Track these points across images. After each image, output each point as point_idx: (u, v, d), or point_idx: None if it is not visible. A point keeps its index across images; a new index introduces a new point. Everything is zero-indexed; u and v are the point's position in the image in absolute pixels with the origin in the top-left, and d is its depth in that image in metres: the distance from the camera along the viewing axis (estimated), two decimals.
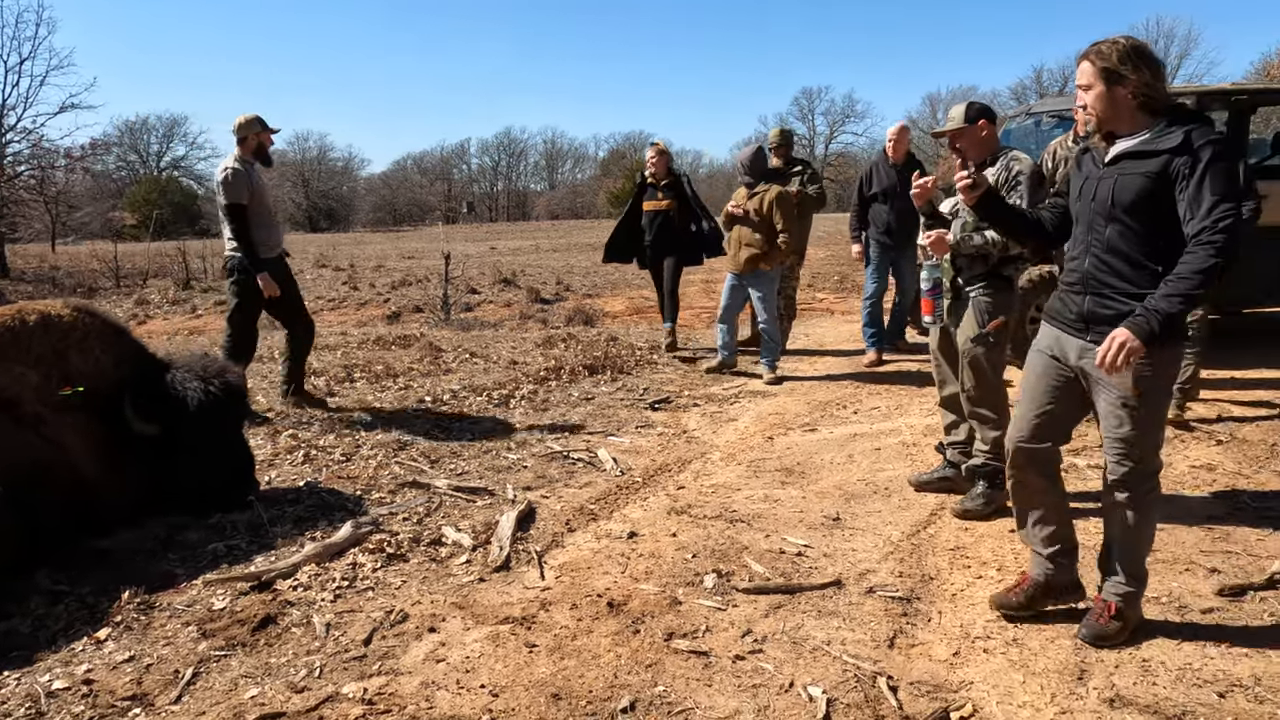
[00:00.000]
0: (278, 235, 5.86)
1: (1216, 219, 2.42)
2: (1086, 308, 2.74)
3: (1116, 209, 2.62)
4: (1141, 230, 2.60)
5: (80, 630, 3.10)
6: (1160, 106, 2.60)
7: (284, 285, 5.76)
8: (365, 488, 4.50)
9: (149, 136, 59.31)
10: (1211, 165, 2.45)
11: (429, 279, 15.81)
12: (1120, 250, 2.65)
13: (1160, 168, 2.54)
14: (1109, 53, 2.59)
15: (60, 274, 20.12)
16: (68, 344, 3.85)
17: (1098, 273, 2.70)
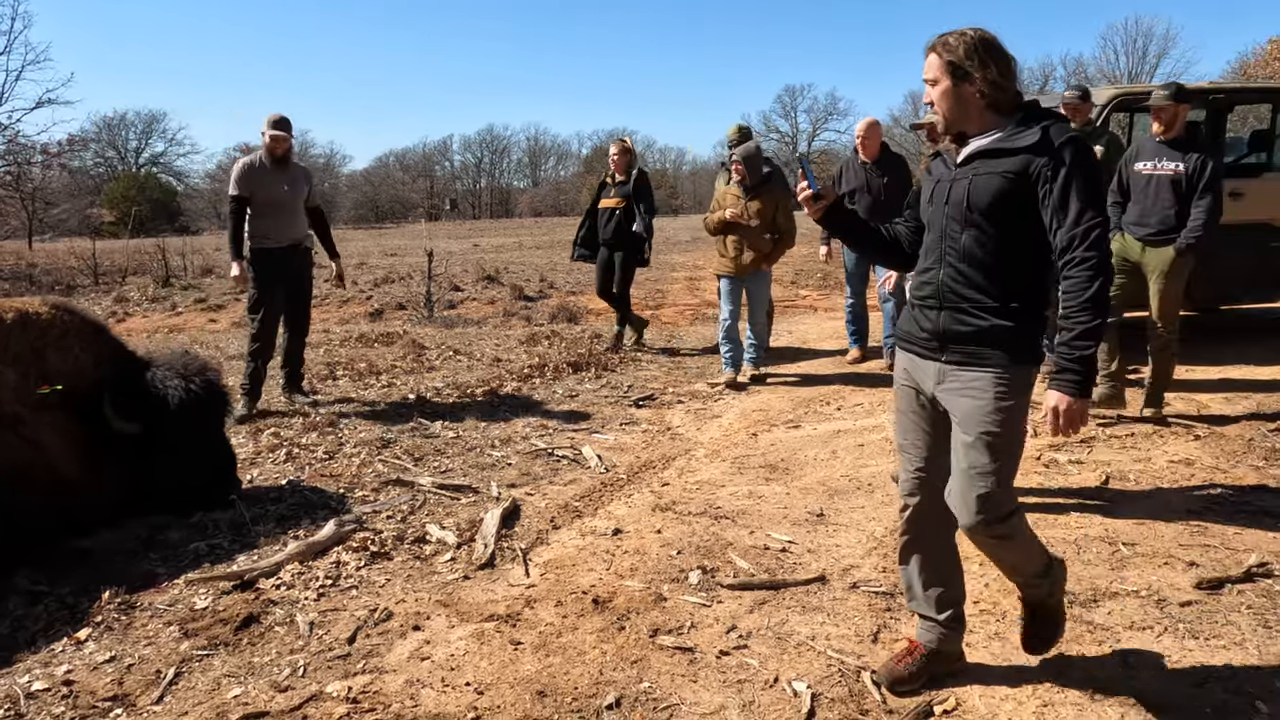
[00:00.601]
0: (284, 229, 5.90)
1: (1087, 228, 2.23)
2: (942, 324, 2.44)
3: (973, 212, 2.38)
4: (1000, 235, 2.37)
5: (60, 631, 3.07)
6: (1009, 106, 2.39)
7: (277, 279, 5.89)
8: (349, 486, 4.48)
9: (127, 132, 58.70)
10: (1076, 168, 2.26)
11: (412, 276, 15.73)
12: (977, 258, 2.39)
13: (1019, 167, 2.33)
14: (956, 46, 2.37)
15: (37, 271, 19.86)
16: (46, 342, 3.81)
17: (954, 284, 2.42)
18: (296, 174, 6.05)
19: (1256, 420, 5.29)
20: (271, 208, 5.86)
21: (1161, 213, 5.06)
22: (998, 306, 2.36)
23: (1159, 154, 5.11)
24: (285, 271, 5.92)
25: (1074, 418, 2.27)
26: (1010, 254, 2.37)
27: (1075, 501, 4.11)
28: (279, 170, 5.91)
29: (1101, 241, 2.24)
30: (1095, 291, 2.23)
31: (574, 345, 8.18)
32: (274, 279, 5.87)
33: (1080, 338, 2.25)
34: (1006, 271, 2.37)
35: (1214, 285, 7.24)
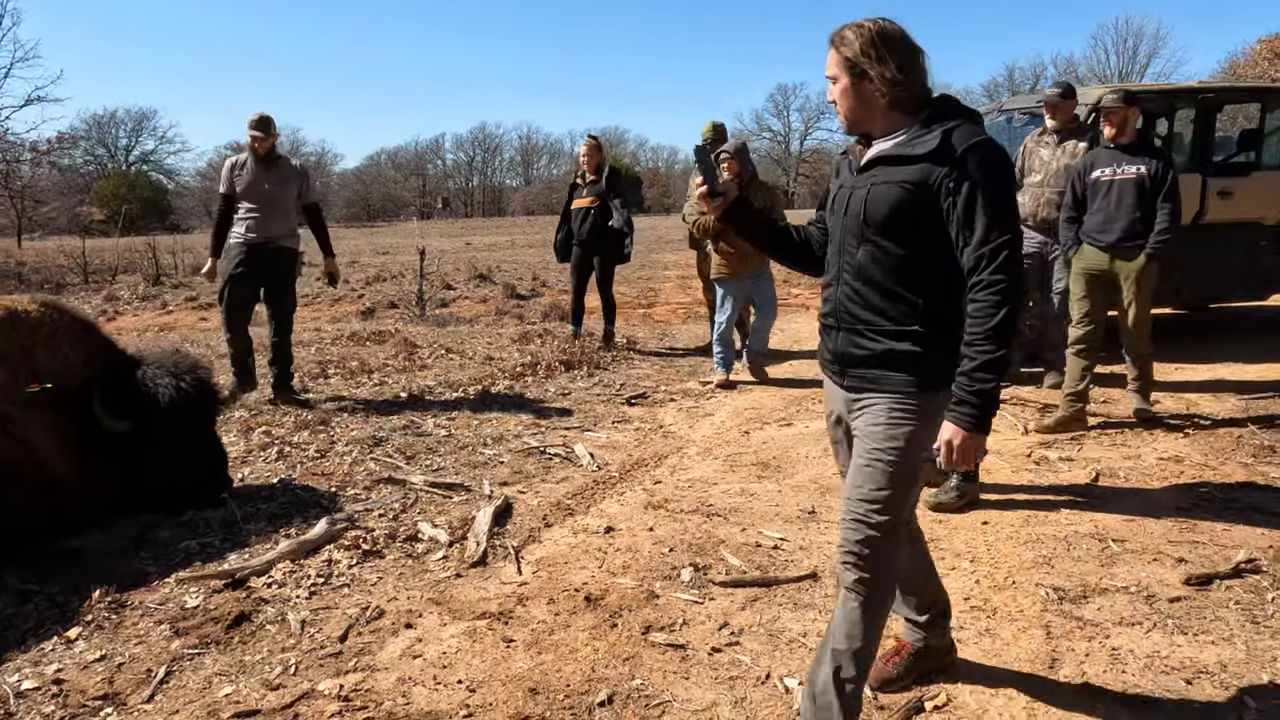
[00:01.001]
0: (264, 225, 5.90)
1: (994, 248, 2.00)
2: (840, 346, 2.26)
3: (869, 227, 2.15)
4: (898, 253, 2.13)
5: (50, 630, 3.06)
6: (915, 105, 2.15)
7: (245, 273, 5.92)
8: (340, 484, 4.47)
9: (117, 130, 58.48)
10: (982, 179, 2.02)
11: (404, 275, 15.70)
12: (873, 278, 2.16)
13: (918, 177, 2.08)
14: (853, 40, 2.14)
15: (27, 270, 19.76)
16: (35, 340, 3.79)
17: (850, 304, 2.21)
18: (286, 172, 6.05)
19: (1245, 417, 5.32)
20: (253, 205, 5.91)
21: (1127, 218, 4.98)
22: (896, 330, 2.14)
23: (1116, 159, 5.05)
24: (258, 266, 5.92)
25: (966, 452, 2.07)
26: (911, 273, 2.13)
27: (1066, 498, 4.13)
28: (265, 168, 5.94)
29: (1011, 263, 2.01)
30: (1001, 320, 2.00)
31: (566, 344, 8.17)
32: (242, 272, 5.91)
33: (982, 370, 2.02)
34: (907, 292, 2.13)
35: (1202, 284, 7.30)
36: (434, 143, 72.08)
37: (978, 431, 2.05)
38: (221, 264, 6.02)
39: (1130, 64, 48.73)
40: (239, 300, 6.00)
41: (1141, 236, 4.94)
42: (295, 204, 6.11)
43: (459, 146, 72.23)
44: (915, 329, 2.12)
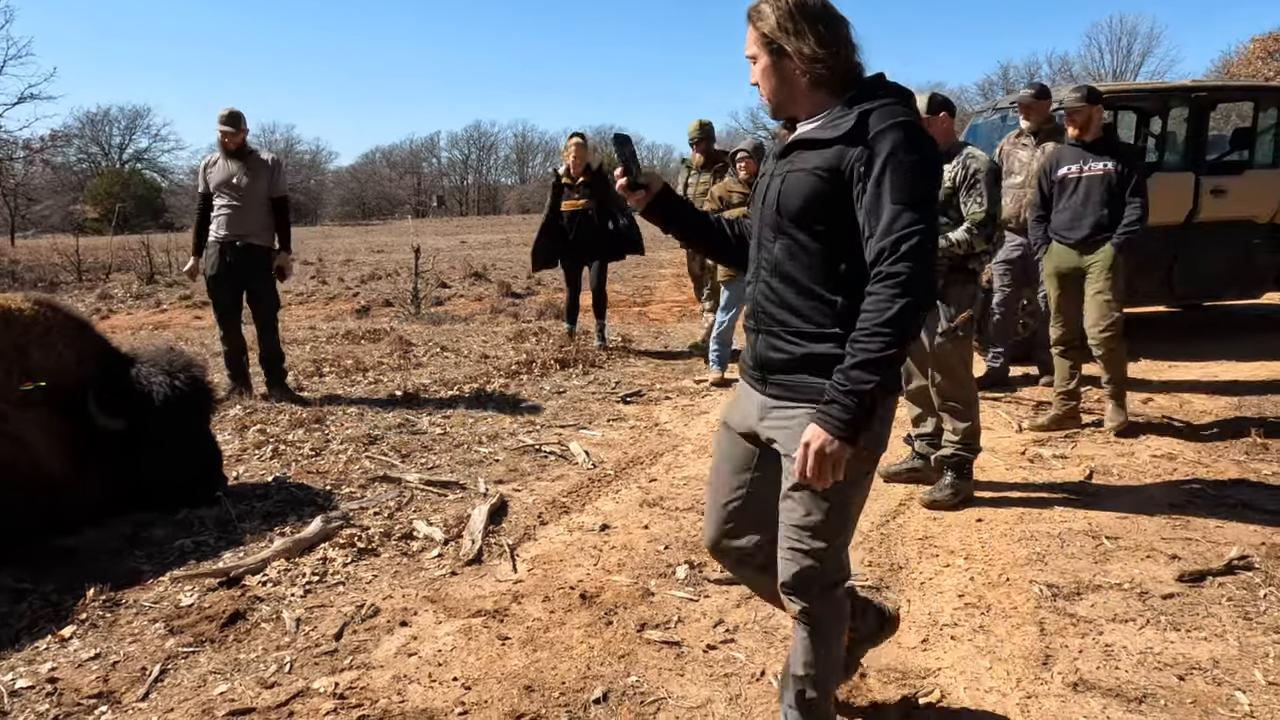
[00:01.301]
0: (234, 223, 5.93)
1: (898, 238, 1.76)
2: (759, 350, 2.04)
3: (784, 218, 1.95)
4: (815, 247, 1.93)
5: (44, 628, 3.05)
6: (840, 83, 1.93)
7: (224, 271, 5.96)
8: (335, 483, 4.47)
9: (111, 128, 58.22)
10: (892, 161, 1.79)
11: (399, 273, 15.69)
12: (790, 275, 1.96)
13: (832, 161, 1.87)
14: (769, 13, 1.94)
15: (20, 268, 19.69)
16: (29, 339, 3.78)
17: (767, 304, 2.01)
18: (255, 166, 6.02)
19: (1238, 415, 5.34)
20: (226, 201, 5.95)
21: (1095, 214, 4.90)
22: (816, 331, 1.93)
23: (1082, 157, 4.98)
24: (234, 265, 5.94)
25: (826, 462, 1.78)
26: (829, 269, 1.92)
27: (1060, 496, 4.14)
28: (235, 164, 5.96)
29: (918, 254, 1.76)
30: (894, 315, 1.75)
31: (561, 342, 8.17)
32: (220, 272, 5.97)
33: (860, 368, 1.76)
34: (826, 290, 1.92)
35: (1196, 282, 7.33)
36: (429, 141, 72.02)
37: (844, 439, 1.77)
38: (203, 263, 6.10)
39: (1124, 63, 48.79)
40: (223, 300, 6.05)
41: (1109, 232, 4.89)
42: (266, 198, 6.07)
43: (454, 145, 72.15)
44: (836, 330, 1.89)
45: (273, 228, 6.12)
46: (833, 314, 1.91)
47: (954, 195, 3.92)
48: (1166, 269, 7.15)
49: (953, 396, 4.05)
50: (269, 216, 6.07)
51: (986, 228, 3.84)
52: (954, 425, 4.07)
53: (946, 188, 3.91)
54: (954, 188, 3.91)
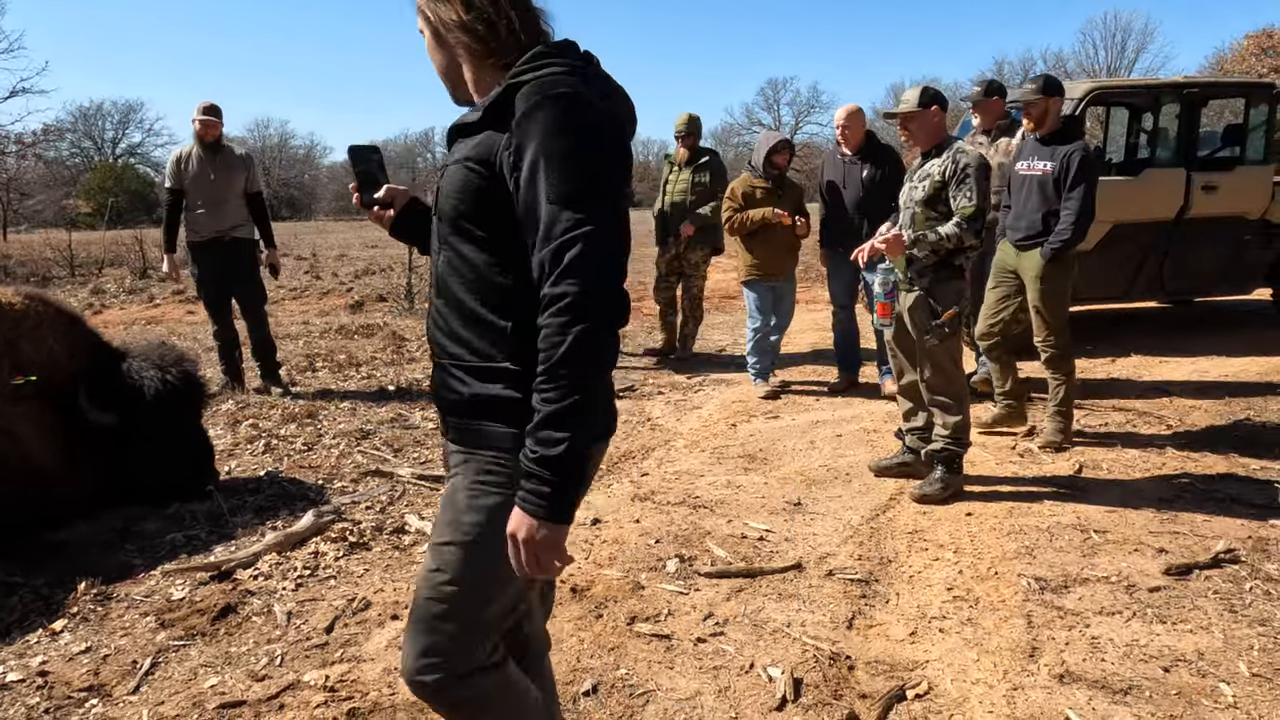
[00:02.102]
0: (211, 220, 5.89)
1: (559, 246, 1.38)
2: (435, 387, 1.68)
3: (442, 223, 1.60)
4: (478, 260, 1.54)
5: (35, 622, 3.06)
6: (506, 56, 1.56)
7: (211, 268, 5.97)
8: (327, 477, 4.47)
9: (104, 123, 57.94)
10: (545, 144, 1.41)
11: (392, 268, 15.66)
12: (453, 295, 1.58)
13: (482, 152, 1.51)
14: None
15: (12, 263, 19.59)
16: (19, 333, 3.77)
17: (435, 331, 1.65)
18: (230, 161, 5.97)
19: (1227, 410, 5.37)
20: (199, 198, 5.88)
21: (1030, 216, 4.68)
22: (483, 366, 1.55)
23: (1034, 153, 4.73)
24: (218, 261, 5.93)
25: (540, 550, 1.42)
26: (494, 288, 1.54)
27: (1049, 490, 4.16)
28: (209, 159, 5.88)
29: (589, 263, 1.37)
30: (571, 350, 1.36)
31: None
32: (206, 269, 5.97)
33: (548, 426, 1.38)
34: (496, 315, 1.53)
35: (1187, 277, 7.36)
36: (423, 136, 71.83)
37: (552, 520, 1.40)
38: (183, 260, 6.06)
39: (1119, 59, 48.89)
40: (212, 296, 6.06)
41: (1042, 235, 4.61)
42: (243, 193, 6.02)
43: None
44: (508, 366, 1.52)
45: (251, 222, 6.11)
46: (504, 345, 1.53)
47: (943, 190, 3.91)
48: (1157, 264, 7.18)
49: (942, 391, 4.06)
50: (246, 210, 6.05)
51: (976, 222, 3.82)
52: (943, 420, 4.08)
53: (936, 182, 3.92)
54: (943, 182, 3.90)
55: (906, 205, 4.08)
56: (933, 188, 3.93)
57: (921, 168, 4.05)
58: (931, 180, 3.94)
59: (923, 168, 4.03)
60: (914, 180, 4.07)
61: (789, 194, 6.06)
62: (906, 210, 4.07)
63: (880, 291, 4.02)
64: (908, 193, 4.10)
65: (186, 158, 5.94)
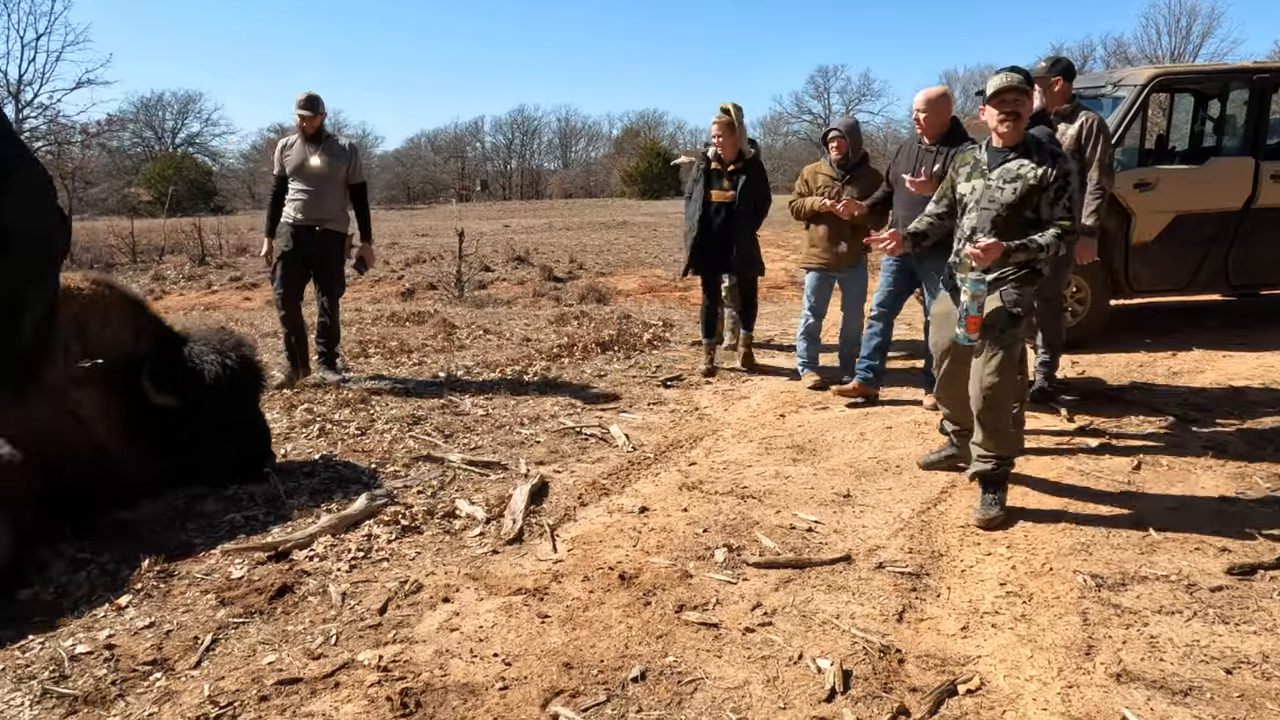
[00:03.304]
0: (309, 207, 5.91)
1: None
2: None
3: None
4: None
5: (102, 597, 3.16)
6: None
7: (295, 254, 5.95)
8: (380, 461, 4.55)
9: (164, 113, 59.24)
10: None
11: (443, 256, 15.84)
12: None
13: None
14: None
15: (77, 249, 20.22)
16: (87, 317, 3.88)
17: None
18: (334, 151, 6.01)
19: None
20: (302, 185, 5.93)
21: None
22: None
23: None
24: (307, 248, 5.95)
25: None
26: None
27: (1105, 485, 4.08)
28: (312, 148, 5.94)
29: None
30: None
31: (603, 325, 8.20)
32: (290, 254, 5.96)
33: None
34: None
35: (1253, 269, 7.13)
36: (473, 125, 72.25)
37: None
38: (275, 244, 6.06)
39: (1183, 44, 47.35)
40: (289, 280, 6.03)
41: None
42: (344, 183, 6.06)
43: (498, 129, 72.32)
44: None
45: (349, 214, 6.12)
46: None
47: (1035, 195, 3.53)
48: (1222, 256, 6.96)
49: (997, 402, 3.66)
50: (345, 202, 6.06)
51: (1071, 234, 3.56)
52: (993, 434, 3.71)
53: (1030, 186, 3.52)
54: (1039, 187, 3.51)
55: (984, 205, 3.64)
56: (1025, 190, 3.53)
57: (1002, 165, 3.62)
58: (1025, 183, 3.53)
59: (1004, 165, 3.61)
60: (991, 178, 3.63)
61: (857, 182, 5.79)
62: (984, 210, 3.64)
63: (972, 304, 3.53)
64: (983, 191, 3.66)
65: (290, 145, 6.01)
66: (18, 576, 3.24)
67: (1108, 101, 6.82)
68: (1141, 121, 7.26)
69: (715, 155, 6.17)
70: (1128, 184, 6.53)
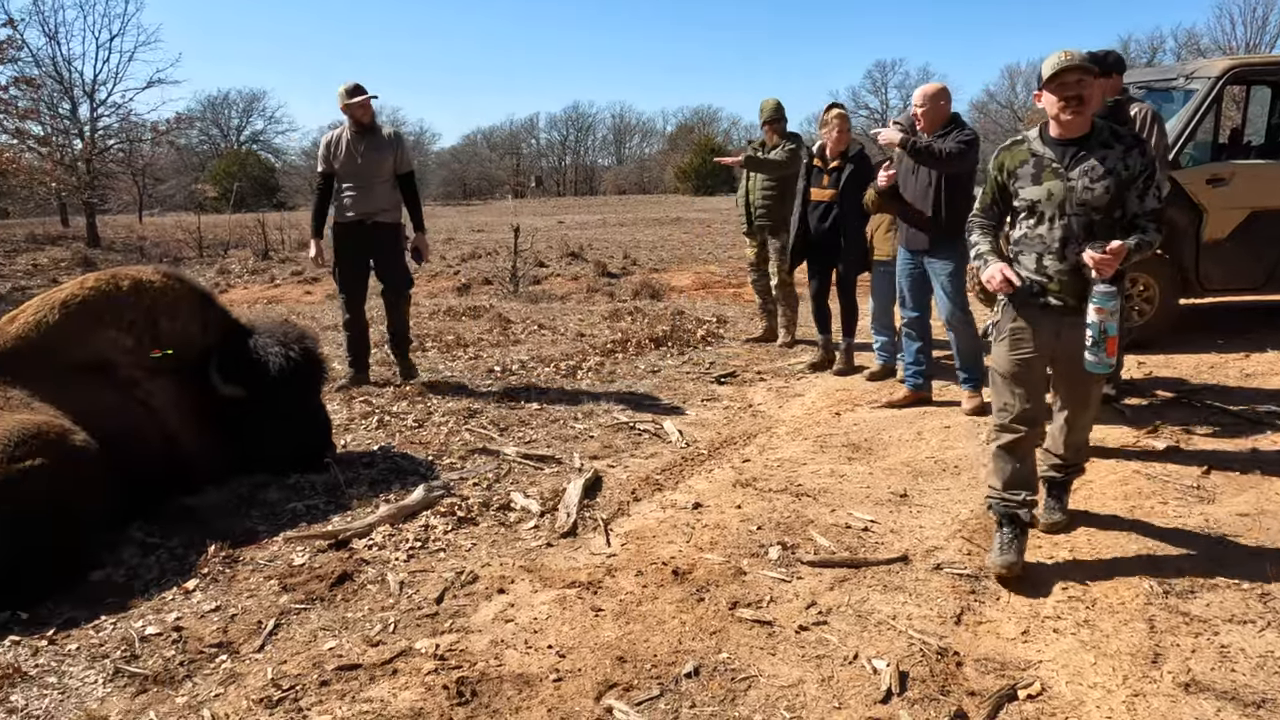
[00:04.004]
0: (359, 201, 5.73)
1: None
2: None
3: None
4: None
5: (170, 580, 3.27)
6: None
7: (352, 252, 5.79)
8: (437, 453, 4.61)
9: (229, 111, 60.72)
10: None
11: (498, 252, 15.98)
12: None
13: None
14: None
15: (147, 244, 20.89)
16: (158, 309, 4.00)
17: None
18: (380, 142, 5.79)
19: None
20: (347, 181, 5.74)
21: None
22: None
23: None
24: (363, 245, 5.76)
25: None
26: None
27: (1174, 490, 3.95)
28: (360, 141, 5.72)
29: None
30: None
31: (656, 321, 8.20)
32: (347, 253, 5.78)
33: None
34: None
35: None
36: (528, 122, 72.74)
37: None
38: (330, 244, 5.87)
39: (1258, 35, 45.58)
40: (350, 280, 5.85)
41: None
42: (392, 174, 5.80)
43: (553, 126, 72.71)
44: None
45: (400, 205, 5.91)
46: None
47: (1125, 188, 3.04)
48: None
49: (1089, 423, 3.47)
50: (396, 193, 5.84)
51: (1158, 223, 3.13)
52: (1073, 442, 3.46)
53: (1123, 180, 3.02)
54: (1130, 179, 3.03)
55: (1072, 211, 3.04)
56: (1116, 186, 3.01)
57: (1084, 161, 3.03)
58: (1118, 178, 3.00)
59: (1086, 161, 3.02)
60: (1072, 178, 3.03)
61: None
62: (1075, 218, 3.04)
63: (1109, 322, 2.94)
64: (1065, 194, 3.04)
65: (336, 140, 5.79)
66: (91, 559, 3.36)
67: (1179, 94, 6.60)
68: (1215, 115, 7.02)
69: (819, 151, 6.12)
70: (1200, 179, 6.31)
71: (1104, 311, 2.94)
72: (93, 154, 24.17)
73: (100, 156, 24.96)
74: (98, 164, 24.34)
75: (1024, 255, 3.19)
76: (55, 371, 3.62)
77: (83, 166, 23.01)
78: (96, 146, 24.98)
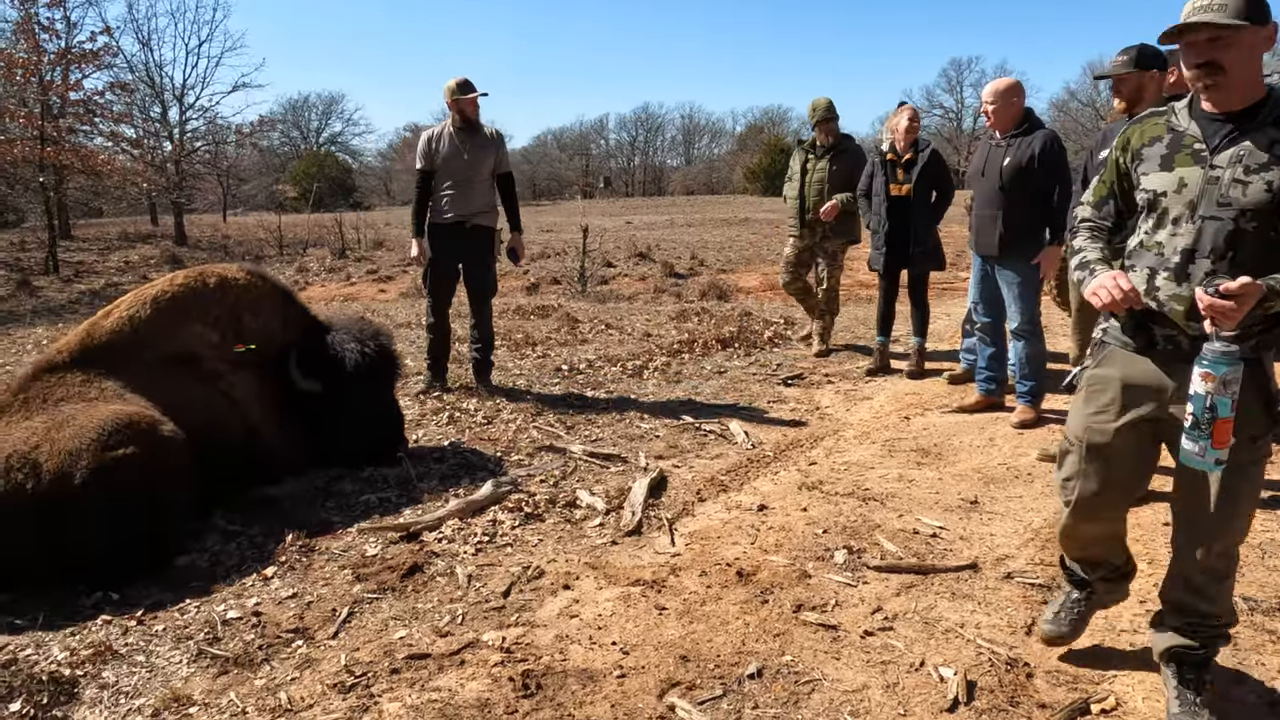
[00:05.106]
0: (458, 202, 5.58)
1: None
2: None
3: None
4: None
5: (250, 567, 3.39)
6: None
7: (446, 254, 5.67)
8: (505, 450, 4.69)
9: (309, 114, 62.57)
10: None
11: (566, 252, 16.13)
12: None
13: None
14: None
15: (230, 242, 21.66)
16: (242, 305, 4.15)
17: None
18: (482, 141, 5.65)
19: None
20: (448, 180, 5.59)
21: None
22: None
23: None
24: (457, 246, 5.63)
25: None
26: None
27: (1261, 502, 3.79)
28: (463, 139, 5.58)
29: None
30: None
31: (723, 322, 8.19)
32: (440, 255, 5.65)
33: None
34: None
35: None
36: (598, 123, 73.22)
37: None
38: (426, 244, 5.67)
39: None
40: (440, 283, 5.72)
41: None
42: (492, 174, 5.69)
43: (622, 126, 73.05)
44: None
45: (496, 207, 5.78)
46: None
47: None
48: None
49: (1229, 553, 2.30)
50: (493, 194, 5.71)
51: None
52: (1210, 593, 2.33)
53: None
54: None
55: (1210, 212, 2.14)
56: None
57: (1238, 143, 2.13)
58: None
59: (1241, 143, 2.12)
60: (1218, 164, 2.14)
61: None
62: (1211, 221, 2.13)
63: (1222, 400, 2.01)
64: (1202, 186, 2.15)
65: (438, 137, 5.62)
66: (177, 545, 3.51)
67: None
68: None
69: (890, 147, 6.09)
70: None
71: (1213, 380, 2.01)
72: (181, 155, 25.14)
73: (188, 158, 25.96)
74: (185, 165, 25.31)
75: (1133, 272, 2.29)
76: (146, 364, 3.79)
77: (172, 168, 23.95)
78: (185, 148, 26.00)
